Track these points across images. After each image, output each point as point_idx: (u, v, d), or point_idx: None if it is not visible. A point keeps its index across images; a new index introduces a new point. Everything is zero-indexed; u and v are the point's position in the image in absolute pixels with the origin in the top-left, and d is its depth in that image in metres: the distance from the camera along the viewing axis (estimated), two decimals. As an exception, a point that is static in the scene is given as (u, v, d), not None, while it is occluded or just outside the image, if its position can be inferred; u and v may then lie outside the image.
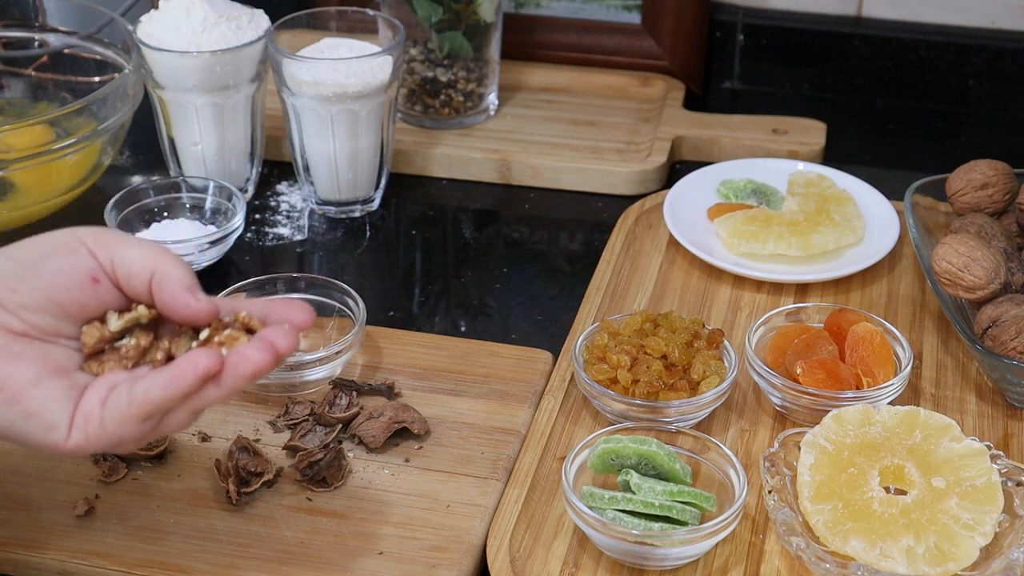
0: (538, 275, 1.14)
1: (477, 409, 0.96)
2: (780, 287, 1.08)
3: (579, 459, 0.86)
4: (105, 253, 0.74)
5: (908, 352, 0.95)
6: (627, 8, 1.38)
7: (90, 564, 0.84)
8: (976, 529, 0.81)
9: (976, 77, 1.36)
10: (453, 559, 0.84)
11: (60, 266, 0.74)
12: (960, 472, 0.84)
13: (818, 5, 1.39)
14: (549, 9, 1.39)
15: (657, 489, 0.83)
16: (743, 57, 1.40)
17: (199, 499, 0.88)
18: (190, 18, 1.12)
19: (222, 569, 0.83)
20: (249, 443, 0.91)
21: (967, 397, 0.97)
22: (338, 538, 0.86)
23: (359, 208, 1.20)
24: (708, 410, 0.93)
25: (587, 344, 0.97)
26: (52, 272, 0.73)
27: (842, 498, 0.83)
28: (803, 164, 1.19)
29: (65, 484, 0.89)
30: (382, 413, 0.93)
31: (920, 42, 1.35)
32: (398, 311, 1.09)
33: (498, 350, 1.01)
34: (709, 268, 1.10)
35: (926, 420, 0.87)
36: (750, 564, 0.84)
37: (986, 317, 0.95)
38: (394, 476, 0.90)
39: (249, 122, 1.18)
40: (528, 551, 0.84)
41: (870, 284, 1.09)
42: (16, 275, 0.73)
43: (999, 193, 1.06)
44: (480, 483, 0.90)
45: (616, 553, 0.83)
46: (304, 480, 0.89)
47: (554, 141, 1.27)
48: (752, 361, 0.94)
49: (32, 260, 0.74)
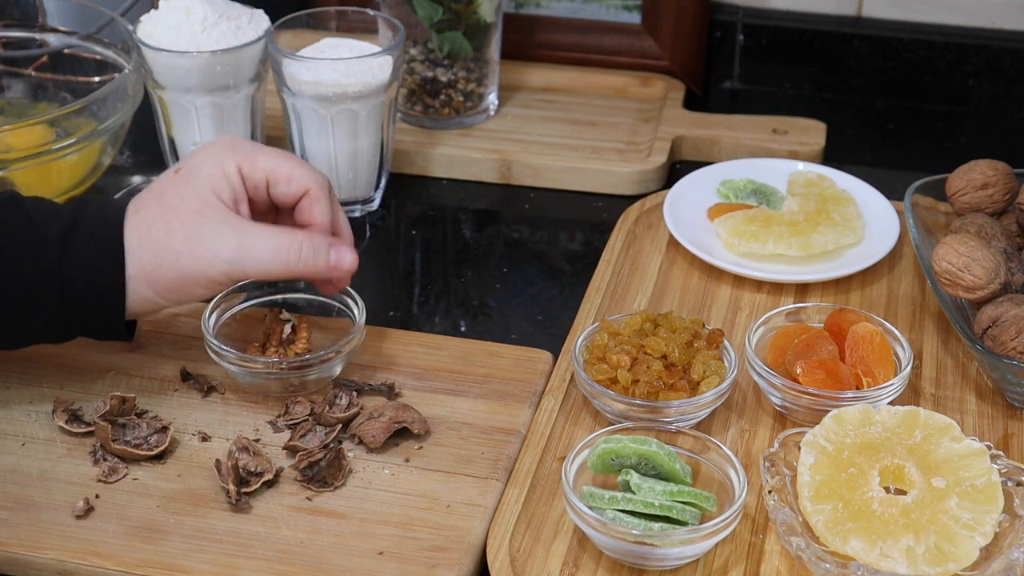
0: (538, 275, 1.14)
1: (477, 409, 0.96)
2: (780, 287, 1.08)
3: (579, 459, 0.86)
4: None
5: (908, 352, 0.95)
6: (627, 8, 1.38)
7: (90, 564, 0.84)
8: (976, 529, 0.81)
9: (976, 77, 1.35)
10: (453, 559, 0.84)
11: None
12: (960, 472, 0.84)
13: (818, 5, 1.39)
14: (549, 9, 1.39)
15: (657, 489, 0.83)
16: (743, 57, 1.40)
17: (199, 499, 0.88)
18: (190, 18, 1.12)
19: (222, 569, 0.83)
20: (249, 443, 0.91)
21: (967, 397, 0.97)
22: (338, 538, 0.86)
23: (359, 208, 1.20)
24: (708, 410, 0.93)
25: (587, 344, 0.97)
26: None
27: (842, 498, 0.83)
28: (803, 164, 1.19)
29: (65, 484, 0.89)
30: (382, 413, 0.93)
31: (920, 42, 1.35)
32: (398, 311, 1.09)
33: (498, 350, 1.01)
34: (709, 268, 1.10)
35: (926, 420, 0.87)
36: (750, 564, 0.84)
37: (986, 317, 0.95)
38: (394, 476, 0.90)
39: (249, 122, 1.18)
40: (528, 551, 0.84)
41: (870, 284, 1.09)
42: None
43: (999, 193, 1.06)
44: (480, 483, 0.90)
45: (616, 553, 0.83)
46: (304, 480, 0.89)
47: (554, 141, 1.27)
48: (752, 361, 0.94)
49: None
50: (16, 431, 0.94)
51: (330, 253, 0.91)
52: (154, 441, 0.92)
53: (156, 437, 0.92)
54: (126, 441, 0.91)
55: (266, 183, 0.92)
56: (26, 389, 0.97)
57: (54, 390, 0.97)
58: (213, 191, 0.89)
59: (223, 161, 0.90)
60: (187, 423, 0.95)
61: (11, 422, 0.94)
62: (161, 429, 0.93)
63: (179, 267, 0.88)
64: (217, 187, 0.89)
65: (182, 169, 0.90)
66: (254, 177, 0.91)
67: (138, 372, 0.99)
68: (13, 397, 0.97)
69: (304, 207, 0.93)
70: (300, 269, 0.90)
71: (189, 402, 0.97)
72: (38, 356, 1.00)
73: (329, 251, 0.91)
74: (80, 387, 0.97)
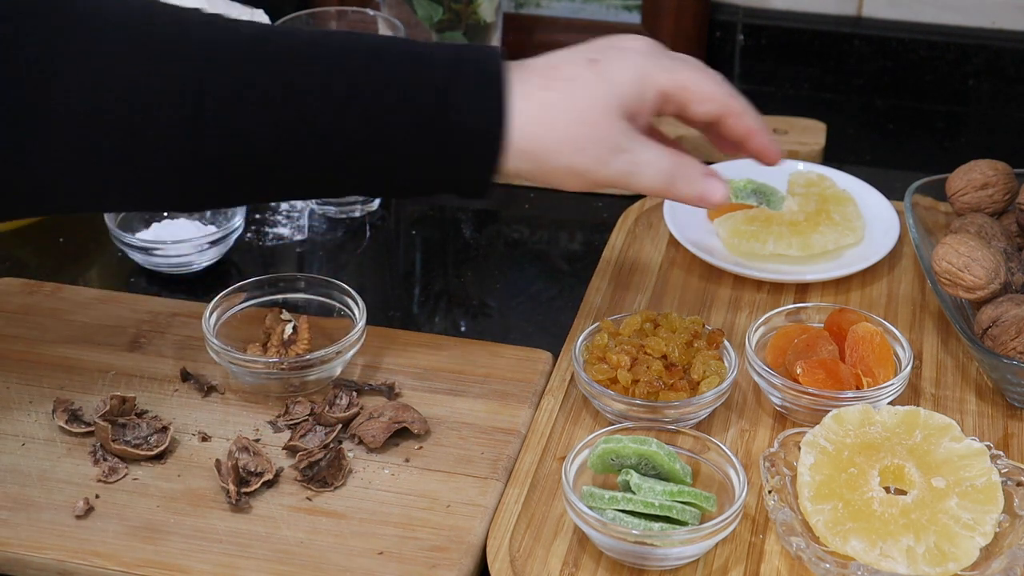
0: (538, 275, 1.14)
1: (477, 409, 0.96)
2: (780, 287, 1.08)
3: (579, 459, 0.86)
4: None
5: (908, 352, 0.95)
6: (627, 8, 1.38)
7: (90, 564, 0.84)
8: (976, 529, 0.81)
9: (976, 77, 1.36)
10: (453, 559, 0.84)
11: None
12: (960, 472, 0.84)
13: (818, 5, 1.39)
14: (549, 9, 1.39)
15: (657, 489, 0.83)
16: (743, 57, 1.40)
17: (199, 499, 0.88)
18: (190, 18, 1.12)
19: (222, 569, 0.83)
20: (249, 443, 0.91)
21: (967, 397, 0.97)
22: (338, 538, 0.86)
23: (359, 208, 1.20)
24: (708, 410, 0.93)
25: (587, 344, 0.97)
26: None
27: (842, 498, 0.83)
28: (803, 164, 1.19)
29: (65, 484, 0.89)
30: (382, 413, 0.93)
31: (920, 42, 1.35)
32: (398, 311, 1.09)
33: (498, 350, 1.01)
34: (709, 268, 1.10)
35: (926, 420, 0.87)
36: (750, 564, 0.84)
37: (986, 317, 0.95)
38: (394, 476, 0.90)
39: (249, 122, 1.18)
40: (528, 551, 0.84)
41: (870, 284, 1.09)
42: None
43: (999, 193, 1.06)
44: (480, 483, 0.90)
45: (616, 553, 0.83)
46: (304, 480, 0.89)
47: (554, 141, 1.27)
48: (752, 361, 0.94)
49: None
50: (16, 431, 0.94)
51: (704, 183, 0.88)
52: (154, 441, 0.92)
53: (156, 437, 0.92)
54: (126, 441, 0.91)
55: (678, 100, 0.87)
56: (26, 389, 0.97)
57: (54, 390, 0.97)
58: (623, 101, 0.84)
59: (647, 74, 0.85)
60: (187, 423, 0.95)
61: (11, 422, 0.94)
62: (161, 429, 0.93)
63: (564, 158, 0.84)
64: (629, 98, 0.84)
65: (600, 63, 0.84)
66: (671, 96, 0.86)
67: (138, 372, 0.99)
68: (13, 397, 0.97)
69: (729, 124, 0.89)
70: (673, 194, 0.87)
71: (189, 402, 0.97)
72: (38, 356, 1.00)
73: (703, 181, 0.88)
74: (80, 387, 0.98)
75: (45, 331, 1.03)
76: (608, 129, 0.83)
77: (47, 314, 1.05)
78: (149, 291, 1.10)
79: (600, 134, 0.83)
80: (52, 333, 1.03)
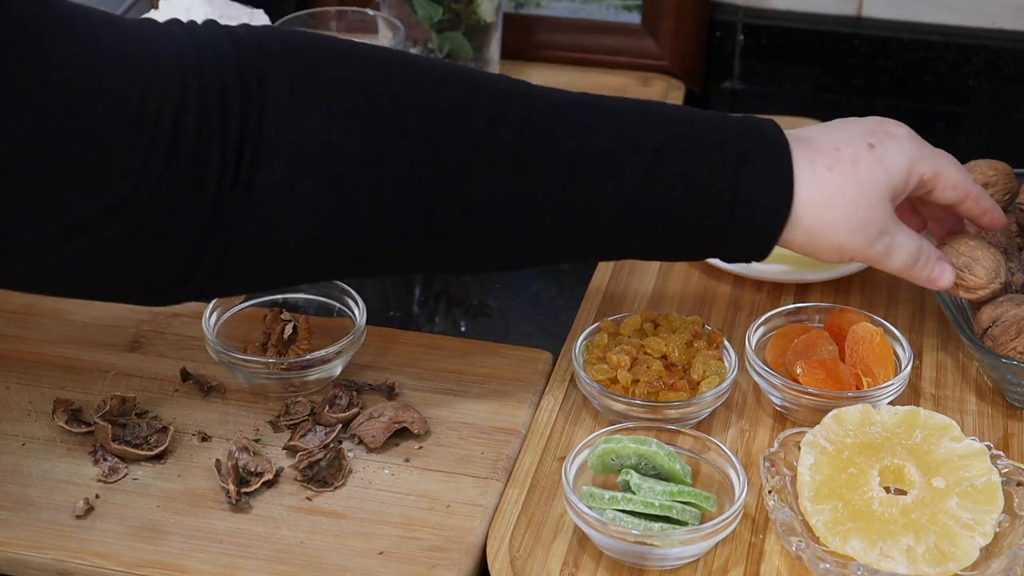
0: (538, 275, 1.14)
1: (477, 409, 0.96)
2: (780, 287, 1.08)
3: (579, 459, 0.86)
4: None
5: (908, 352, 0.95)
6: (627, 8, 1.38)
7: (90, 564, 0.84)
8: (976, 529, 0.81)
9: (976, 77, 1.35)
10: (453, 559, 0.84)
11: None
12: (960, 472, 0.84)
13: (818, 5, 1.39)
14: (549, 9, 1.39)
15: (657, 489, 0.83)
16: (743, 57, 1.40)
17: (199, 499, 0.88)
18: (190, 18, 1.12)
19: (222, 569, 0.83)
20: (249, 443, 0.91)
21: (967, 397, 0.97)
22: (338, 538, 0.86)
23: (359, 208, 1.20)
24: (708, 410, 0.93)
25: (587, 344, 0.97)
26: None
27: (842, 498, 0.83)
28: (803, 164, 1.19)
29: (65, 484, 0.89)
30: (382, 413, 0.93)
31: (920, 42, 1.35)
32: (398, 311, 1.09)
33: (498, 350, 1.01)
34: (709, 268, 1.10)
35: (926, 420, 0.87)
36: (750, 564, 0.84)
37: (986, 317, 0.95)
38: (394, 476, 0.90)
39: (249, 122, 1.18)
40: (528, 551, 0.84)
41: (870, 284, 1.08)
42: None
43: (999, 193, 1.06)
44: (480, 483, 0.90)
45: (616, 553, 0.83)
46: (304, 480, 0.89)
47: (554, 141, 1.27)
48: (752, 361, 0.94)
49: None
50: (16, 431, 0.94)
51: (935, 269, 0.92)
52: (154, 441, 0.92)
53: (156, 437, 0.92)
54: (126, 441, 0.91)
55: (930, 186, 0.92)
56: (26, 389, 0.97)
57: (54, 390, 0.97)
58: (894, 185, 0.88)
59: (916, 163, 0.89)
60: (187, 423, 0.95)
61: (11, 422, 0.94)
62: (161, 429, 0.93)
63: (839, 237, 0.87)
64: (898, 183, 0.88)
65: (877, 148, 0.88)
66: (928, 183, 0.91)
67: (138, 372, 0.99)
68: (13, 397, 0.97)
69: (967, 206, 0.93)
70: (912, 274, 0.91)
71: (189, 402, 0.97)
72: (38, 356, 1.00)
73: (936, 265, 0.92)
74: (80, 387, 0.98)
75: (45, 331, 1.03)
76: (880, 212, 0.87)
77: (47, 314, 1.05)
78: (149, 291, 1.10)
79: (873, 217, 0.87)
80: (52, 333, 1.03)
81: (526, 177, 0.82)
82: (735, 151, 0.85)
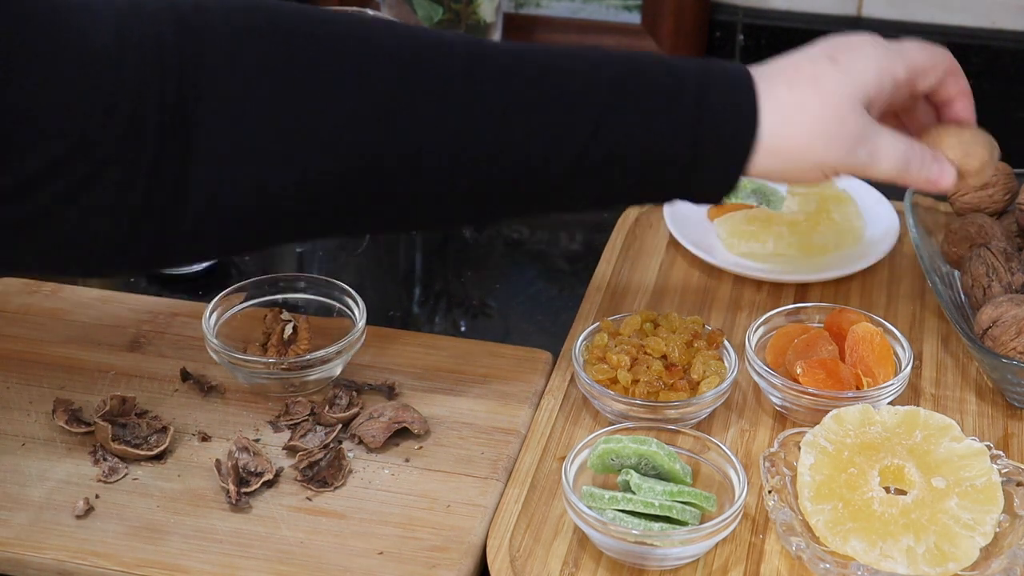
0: (538, 275, 1.14)
1: (477, 409, 0.96)
2: (780, 287, 1.08)
3: (579, 459, 0.86)
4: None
5: (908, 352, 0.95)
6: (627, 8, 1.38)
7: (90, 564, 0.84)
8: (976, 529, 0.81)
9: (976, 77, 1.35)
10: (453, 559, 0.84)
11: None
12: (960, 472, 0.84)
13: (818, 5, 1.39)
14: (549, 9, 1.39)
15: (657, 489, 0.83)
16: (743, 57, 1.40)
17: (199, 499, 0.88)
18: None
19: (222, 569, 0.83)
20: (249, 443, 0.91)
21: (967, 397, 0.97)
22: (338, 538, 0.86)
23: (359, 208, 1.20)
24: (708, 410, 0.93)
25: (587, 344, 0.97)
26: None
27: (842, 498, 0.83)
28: (803, 164, 1.19)
29: (65, 484, 0.89)
30: (382, 413, 0.93)
31: (920, 42, 1.35)
32: (398, 311, 1.09)
33: (498, 350, 1.01)
34: (709, 268, 1.10)
35: (926, 420, 0.87)
36: (750, 564, 0.84)
37: (986, 317, 0.95)
38: (394, 476, 0.90)
39: (249, 122, 1.18)
40: (528, 551, 0.84)
41: (870, 284, 1.09)
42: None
43: (999, 193, 1.06)
44: (480, 483, 0.90)
45: (616, 553, 0.83)
46: (304, 480, 0.89)
47: (554, 141, 1.27)
48: (752, 361, 0.94)
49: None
50: (16, 431, 0.94)
51: (933, 168, 0.89)
52: (154, 441, 0.92)
53: (156, 437, 0.92)
54: (126, 441, 0.91)
55: (911, 85, 0.90)
56: (26, 389, 0.97)
57: (54, 390, 0.97)
58: (864, 93, 0.86)
59: (885, 68, 0.87)
60: (187, 423, 0.95)
61: (11, 422, 0.94)
62: (161, 429, 0.93)
63: (815, 154, 0.86)
64: (869, 90, 0.86)
65: (840, 61, 0.87)
66: (907, 82, 0.89)
67: (138, 372, 0.99)
68: (13, 397, 0.97)
69: (948, 85, 0.91)
70: (908, 178, 0.89)
71: (189, 402, 0.97)
72: (38, 356, 1.00)
73: (933, 166, 0.89)
74: (80, 387, 0.98)
75: (45, 331, 1.03)
76: (853, 122, 0.85)
77: (47, 314, 1.05)
78: (149, 291, 1.10)
79: (848, 127, 0.85)
80: (52, 333, 1.03)
81: (477, 120, 0.80)
82: (694, 84, 0.83)
